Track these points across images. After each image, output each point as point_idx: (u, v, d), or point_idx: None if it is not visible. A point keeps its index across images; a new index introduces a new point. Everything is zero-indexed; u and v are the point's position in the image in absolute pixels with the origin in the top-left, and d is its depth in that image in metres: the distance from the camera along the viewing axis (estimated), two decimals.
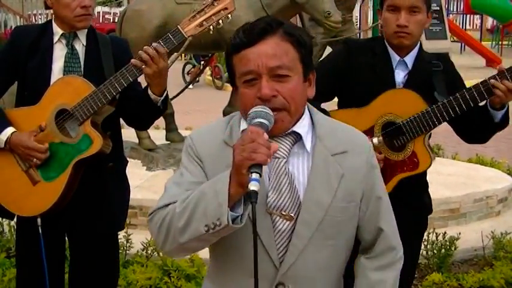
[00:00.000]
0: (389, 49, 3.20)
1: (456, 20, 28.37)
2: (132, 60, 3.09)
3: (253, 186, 1.83)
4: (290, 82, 2.03)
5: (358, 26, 19.59)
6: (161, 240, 2.05)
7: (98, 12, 28.61)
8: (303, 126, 2.11)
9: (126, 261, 4.82)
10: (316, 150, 2.10)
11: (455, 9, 29.81)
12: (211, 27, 3.08)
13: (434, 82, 3.16)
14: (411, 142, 3.14)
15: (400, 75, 3.20)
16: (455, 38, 21.19)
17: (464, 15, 29.01)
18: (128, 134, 5.90)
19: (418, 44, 3.24)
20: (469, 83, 3.21)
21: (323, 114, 2.20)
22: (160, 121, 5.65)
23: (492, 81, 2.99)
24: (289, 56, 2.03)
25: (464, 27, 27.67)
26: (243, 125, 2.11)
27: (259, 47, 2.01)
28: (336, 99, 3.40)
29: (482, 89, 3.03)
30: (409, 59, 3.21)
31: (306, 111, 2.16)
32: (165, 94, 3.16)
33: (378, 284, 2.20)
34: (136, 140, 7.13)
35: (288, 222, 2.06)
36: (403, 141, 3.15)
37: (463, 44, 23.80)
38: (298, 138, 2.10)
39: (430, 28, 14.11)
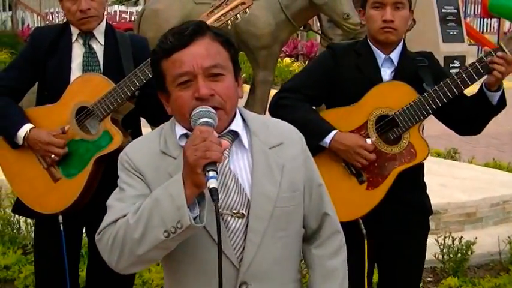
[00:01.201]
0: (374, 48, 3.23)
1: (473, 23, 28.24)
2: None
3: (212, 183, 1.86)
4: (225, 81, 2.06)
5: None
6: (115, 257, 2.03)
7: (115, 11, 28.65)
8: (238, 125, 2.14)
9: None
10: (253, 145, 2.14)
11: (472, 13, 29.65)
12: (229, 21, 3.10)
13: (422, 75, 3.18)
14: (406, 133, 3.14)
15: (386, 73, 3.22)
16: (472, 41, 21.10)
17: (482, 19, 28.87)
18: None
19: (402, 41, 3.27)
20: None
21: (250, 112, 2.24)
22: None
23: (490, 58, 3.01)
24: (221, 56, 2.08)
25: (481, 31, 27.53)
26: (179, 131, 2.12)
27: (192, 48, 2.04)
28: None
29: (479, 66, 3.05)
30: (395, 55, 3.23)
31: (237, 110, 2.19)
32: None
33: (333, 272, 2.25)
34: None
35: (240, 220, 2.08)
36: (398, 133, 3.15)
37: (480, 47, 23.70)
38: (235, 136, 2.13)
39: (447, 31, 14.05)
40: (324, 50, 3.47)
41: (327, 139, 3.13)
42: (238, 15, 3.10)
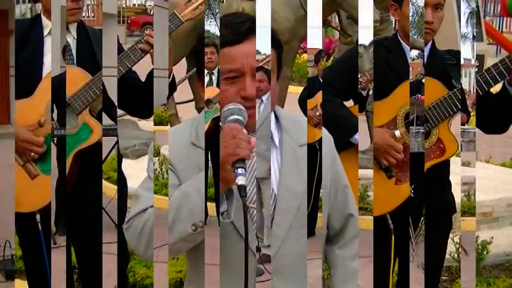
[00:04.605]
0: (404, 44, 3.24)
1: (492, 22, 28.08)
2: (140, 45, 3.09)
3: (241, 180, 1.85)
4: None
5: (394, 25, 19.46)
6: (143, 246, 2.04)
7: (134, 5, 28.77)
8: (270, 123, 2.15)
9: None
10: (284, 142, 2.15)
11: (491, 11, 29.49)
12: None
13: (451, 72, 3.18)
14: (435, 129, 3.14)
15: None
16: (491, 40, 20.98)
17: (501, 18, 28.71)
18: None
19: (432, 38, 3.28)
20: None
21: (283, 110, 2.24)
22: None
23: None
24: (270, 56, 2.07)
25: (500, 30, 27.37)
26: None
27: (244, 46, 2.02)
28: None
29: (501, 68, 3.03)
30: (425, 52, 3.23)
31: None
32: (171, 77, 3.15)
33: (355, 273, 2.27)
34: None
35: None
36: (427, 129, 3.15)
37: (498, 47, 23.55)
38: None
39: None
40: (354, 45, 3.47)
41: (357, 136, 3.15)
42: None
